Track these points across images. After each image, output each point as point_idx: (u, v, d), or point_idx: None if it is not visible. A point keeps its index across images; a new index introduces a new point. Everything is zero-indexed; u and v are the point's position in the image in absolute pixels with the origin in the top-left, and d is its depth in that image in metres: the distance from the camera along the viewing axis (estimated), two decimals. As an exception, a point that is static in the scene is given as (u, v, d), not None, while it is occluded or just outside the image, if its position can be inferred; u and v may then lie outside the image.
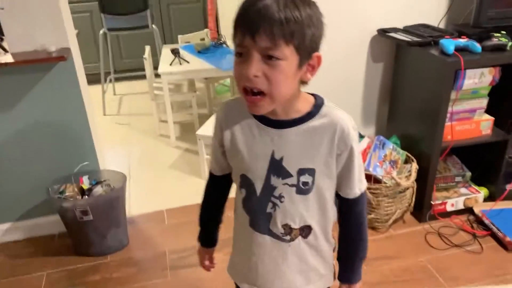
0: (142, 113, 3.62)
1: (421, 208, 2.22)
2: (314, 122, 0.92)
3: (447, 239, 2.12)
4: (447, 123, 2.04)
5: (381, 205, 2.11)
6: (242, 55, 0.82)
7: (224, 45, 3.22)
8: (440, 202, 2.22)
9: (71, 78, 2.02)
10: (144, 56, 3.02)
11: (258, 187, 0.96)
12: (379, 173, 2.10)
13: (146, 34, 3.62)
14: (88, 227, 2.01)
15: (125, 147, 3.12)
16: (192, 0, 4.18)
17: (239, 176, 0.99)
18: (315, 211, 0.99)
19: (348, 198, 1.00)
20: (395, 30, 2.17)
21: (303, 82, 0.89)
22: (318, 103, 0.93)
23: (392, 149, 2.21)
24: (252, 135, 0.95)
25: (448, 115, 2.03)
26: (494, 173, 2.25)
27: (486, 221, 2.16)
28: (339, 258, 1.09)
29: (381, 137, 2.22)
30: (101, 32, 3.51)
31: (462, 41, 1.94)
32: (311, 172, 0.94)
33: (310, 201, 0.97)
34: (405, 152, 2.23)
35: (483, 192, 2.29)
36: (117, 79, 4.12)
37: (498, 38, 1.93)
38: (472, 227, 2.19)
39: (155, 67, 2.92)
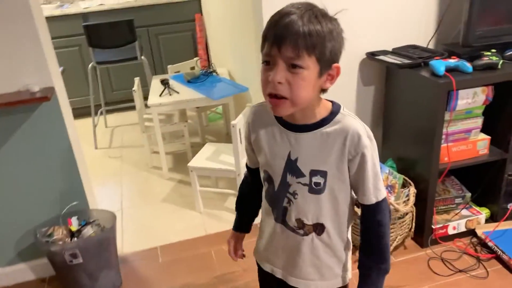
0: (134, 145, 3.57)
1: (422, 233, 2.15)
2: (328, 128, 1.01)
3: (451, 264, 2.05)
4: (443, 145, 2.00)
5: (380, 232, 2.05)
6: (268, 63, 0.93)
7: (214, 73, 3.19)
8: (441, 225, 2.15)
9: (56, 117, 1.98)
10: (133, 89, 2.98)
11: (276, 182, 1.09)
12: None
13: (136, 65, 3.60)
14: (78, 270, 1.94)
15: (117, 181, 3.06)
16: (181, 29, 4.18)
17: (263, 171, 1.13)
18: (328, 211, 1.07)
19: (364, 204, 1.07)
20: (384, 52, 2.15)
21: (323, 90, 1.00)
22: (334, 111, 1.03)
23: (389, 174, 2.16)
24: (274, 136, 1.07)
25: (444, 136, 1.99)
26: (494, 192, 2.19)
27: (490, 244, 2.09)
28: (359, 268, 1.12)
29: (377, 162, 2.17)
30: (90, 66, 3.49)
31: (453, 61, 1.91)
32: (323, 174, 1.03)
33: (323, 201, 1.06)
34: (402, 176, 2.18)
35: (484, 212, 2.23)
36: (109, 111, 4.08)
37: (489, 57, 1.91)
38: (475, 250, 2.12)
39: (146, 98, 2.88)
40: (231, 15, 3.06)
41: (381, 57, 2.10)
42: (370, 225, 1.08)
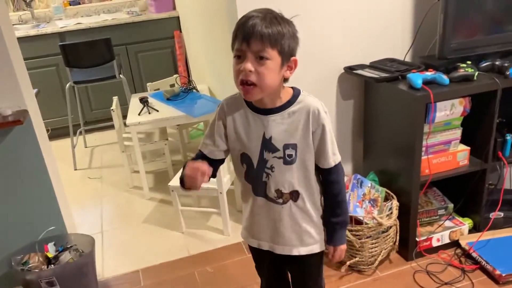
0: (114, 164, 3.50)
1: (407, 246, 2.14)
2: (293, 108, 1.22)
3: (436, 277, 2.04)
4: (424, 157, 2.00)
5: (364, 247, 2.03)
6: (239, 58, 1.13)
7: (195, 90, 3.17)
8: (425, 238, 2.14)
9: (30, 140, 1.93)
10: (111, 108, 2.94)
11: (255, 161, 1.25)
12: (359, 213, 2.03)
13: (116, 83, 3.55)
14: (56, 298, 1.87)
15: (97, 203, 2.99)
16: (160, 46, 4.15)
17: (240, 155, 1.27)
18: (301, 179, 1.27)
19: (325, 168, 1.28)
20: (362, 66, 2.15)
21: (285, 78, 1.21)
22: (296, 93, 1.25)
23: (371, 187, 2.15)
24: (248, 121, 1.24)
25: (424, 148, 1.99)
26: (476, 202, 2.20)
27: (474, 254, 2.09)
28: (325, 226, 1.36)
29: (358, 176, 2.16)
30: (67, 85, 3.43)
31: (429, 74, 1.92)
32: (293, 146, 1.23)
33: (295, 170, 1.25)
34: (384, 189, 2.17)
35: (467, 223, 2.23)
36: (88, 131, 4.02)
37: (464, 69, 1.92)
38: (460, 261, 2.12)
39: (126, 117, 2.84)
40: (209, 32, 3.05)
41: (359, 71, 2.11)
42: (330, 184, 1.30)
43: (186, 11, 3.84)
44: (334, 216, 1.33)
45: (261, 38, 1.09)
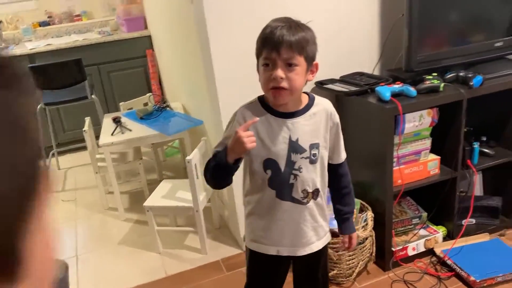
0: (88, 186, 3.44)
1: (383, 256, 2.16)
2: (313, 109, 1.31)
3: (413, 286, 2.06)
4: (396, 168, 2.04)
5: (342, 259, 2.04)
6: (267, 65, 1.21)
7: (168, 108, 3.16)
8: (401, 247, 2.17)
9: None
10: (84, 129, 2.90)
11: (282, 164, 1.30)
12: (335, 226, 2.04)
13: (88, 104, 3.52)
14: (28, 327, 1.80)
15: (71, 226, 2.92)
16: (133, 65, 4.13)
17: (263, 161, 1.30)
18: (320, 176, 1.35)
19: (338, 163, 1.41)
20: (332, 81, 2.19)
21: (307, 82, 1.29)
22: (311, 96, 1.35)
23: (346, 199, 2.17)
24: (271, 126, 1.29)
25: (395, 159, 2.03)
26: (449, 210, 2.24)
27: (449, 262, 2.13)
28: (337, 216, 1.48)
29: (333, 188, 2.18)
30: (38, 107, 3.37)
31: (397, 86, 1.97)
32: (317, 145, 1.32)
33: (317, 169, 1.33)
34: (359, 201, 2.20)
35: (441, 231, 2.27)
36: (61, 153, 3.95)
37: (431, 81, 1.98)
38: (436, 269, 2.15)
39: (99, 137, 2.80)
40: (182, 49, 3.06)
41: (330, 86, 2.15)
42: (341, 177, 1.43)
43: (157, 30, 3.84)
44: (346, 205, 1.46)
45: (290, 46, 1.17)
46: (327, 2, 2.15)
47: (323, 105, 1.34)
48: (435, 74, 2.03)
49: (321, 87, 2.18)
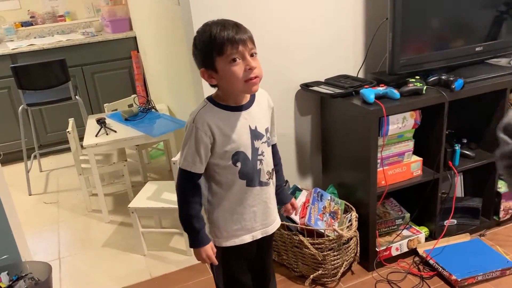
0: (71, 188, 3.40)
1: (367, 257, 2.19)
2: (257, 98, 1.41)
3: (397, 285, 2.09)
4: (379, 169, 2.07)
5: (327, 259, 2.06)
6: (236, 60, 1.26)
7: (153, 110, 3.15)
8: (384, 247, 2.20)
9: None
10: (67, 130, 2.86)
11: (249, 153, 1.38)
12: (320, 226, 2.06)
13: (72, 105, 3.48)
14: (10, 331, 1.78)
15: (54, 228, 2.89)
16: (117, 67, 4.11)
17: (231, 156, 1.35)
18: (271, 157, 1.47)
19: (274, 143, 1.53)
20: (318, 83, 2.22)
21: None
22: None
23: (331, 200, 2.20)
24: (230, 121, 1.35)
25: (379, 161, 2.06)
26: (431, 211, 2.28)
27: (431, 261, 2.16)
28: (276, 190, 1.55)
29: (318, 189, 2.20)
30: (20, 108, 3.32)
31: (381, 89, 2.00)
32: (268, 129, 1.44)
33: (270, 150, 1.46)
34: (344, 201, 2.22)
35: (424, 231, 2.31)
36: (43, 154, 3.89)
37: (414, 83, 2.02)
38: (418, 269, 2.18)
39: (82, 139, 2.78)
40: (167, 50, 3.05)
41: (315, 88, 2.17)
42: (275, 155, 1.53)
43: (142, 31, 3.83)
44: (280, 180, 1.60)
45: (250, 38, 1.28)
46: (313, 6, 2.18)
47: (262, 93, 1.44)
48: (418, 77, 2.07)
49: (306, 89, 2.21)
